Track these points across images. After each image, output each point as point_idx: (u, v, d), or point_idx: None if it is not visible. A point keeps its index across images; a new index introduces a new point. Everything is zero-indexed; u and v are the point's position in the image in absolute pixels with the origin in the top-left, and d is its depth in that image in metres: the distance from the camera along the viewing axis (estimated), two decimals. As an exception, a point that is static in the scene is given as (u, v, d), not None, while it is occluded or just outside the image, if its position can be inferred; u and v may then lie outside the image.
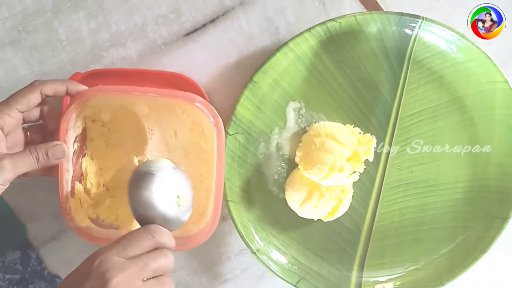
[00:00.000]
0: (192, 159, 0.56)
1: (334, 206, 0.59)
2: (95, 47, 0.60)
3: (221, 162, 0.54)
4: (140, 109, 0.55)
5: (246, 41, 0.61)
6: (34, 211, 0.62)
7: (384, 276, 0.62)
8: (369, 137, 0.58)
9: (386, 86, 0.59)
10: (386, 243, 0.62)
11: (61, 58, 0.60)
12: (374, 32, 0.58)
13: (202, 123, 0.55)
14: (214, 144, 0.53)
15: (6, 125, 0.48)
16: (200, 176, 0.56)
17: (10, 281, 0.62)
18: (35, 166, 0.48)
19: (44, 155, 0.49)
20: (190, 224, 0.56)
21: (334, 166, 0.56)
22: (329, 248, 0.62)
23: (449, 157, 0.60)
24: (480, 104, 0.59)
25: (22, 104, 0.48)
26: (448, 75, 0.59)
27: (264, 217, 0.61)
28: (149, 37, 0.60)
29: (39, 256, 0.63)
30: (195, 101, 0.51)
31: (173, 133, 0.56)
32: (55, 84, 0.50)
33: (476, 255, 0.60)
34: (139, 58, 0.60)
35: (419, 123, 0.60)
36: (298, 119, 0.60)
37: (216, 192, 0.54)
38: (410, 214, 0.61)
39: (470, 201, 0.61)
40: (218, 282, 0.65)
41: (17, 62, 0.60)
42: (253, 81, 0.58)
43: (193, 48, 0.60)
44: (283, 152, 0.60)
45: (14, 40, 0.59)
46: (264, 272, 0.64)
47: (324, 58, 0.58)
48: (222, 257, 0.65)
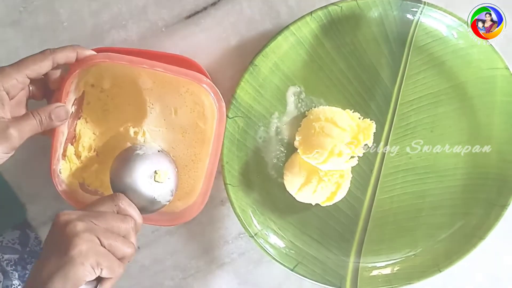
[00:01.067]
0: (188, 138, 0.56)
1: (333, 191, 0.59)
2: (96, 28, 0.60)
3: (218, 145, 0.54)
4: (144, 82, 0.55)
5: (247, 24, 0.61)
6: (34, 191, 0.62)
7: (381, 262, 0.62)
8: (369, 122, 0.58)
9: (387, 72, 0.59)
10: (384, 228, 0.62)
11: (62, 39, 0.60)
12: (375, 16, 0.57)
13: (204, 104, 0.55)
14: (213, 126, 0.54)
15: (13, 89, 0.48)
16: (193, 156, 0.57)
17: (9, 261, 0.62)
18: (39, 129, 0.49)
19: (47, 118, 0.49)
20: (177, 201, 0.57)
21: (333, 151, 0.56)
22: (326, 233, 0.62)
23: (449, 143, 0.60)
24: (480, 90, 0.59)
25: (32, 71, 0.48)
26: (449, 61, 0.59)
27: (262, 201, 0.61)
28: (150, 19, 0.60)
29: (38, 237, 0.63)
30: (202, 82, 0.52)
31: (173, 110, 0.56)
32: (66, 52, 0.50)
33: (474, 242, 0.60)
34: (140, 40, 0.60)
35: (419, 109, 0.60)
36: (298, 103, 0.60)
37: (208, 173, 0.55)
38: (409, 200, 0.61)
39: (468, 188, 0.61)
40: (216, 265, 0.65)
41: (19, 42, 0.60)
42: (254, 64, 0.57)
43: (194, 31, 0.60)
44: (283, 136, 0.60)
45: (15, 20, 0.59)
46: (262, 256, 0.65)
47: (325, 42, 0.58)
48: (220, 241, 0.65)
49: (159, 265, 0.65)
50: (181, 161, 0.57)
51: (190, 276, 0.65)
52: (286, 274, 0.64)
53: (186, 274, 0.65)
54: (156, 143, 0.56)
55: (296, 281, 0.65)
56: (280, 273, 0.65)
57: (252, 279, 0.66)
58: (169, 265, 0.65)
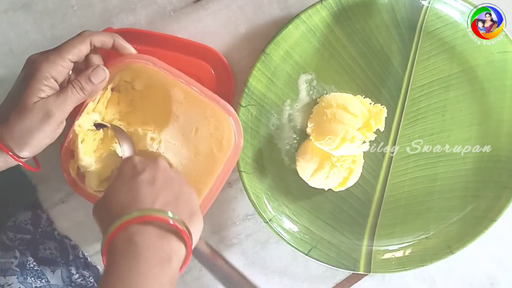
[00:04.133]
0: (198, 160, 0.57)
1: (345, 176, 0.60)
2: (105, 13, 0.61)
3: (223, 177, 0.55)
4: (176, 94, 0.56)
5: (254, 8, 0.61)
6: (45, 173, 0.62)
7: (394, 245, 0.63)
8: (380, 107, 0.58)
9: (397, 57, 0.60)
10: (397, 212, 0.63)
11: (72, 23, 0.61)
12: (385, 3, 0.58)
13: (224, 133, 0.55)
14: (226, 156, 0.55)
15: (60, 76, 0.49)
16: (197, 178, 0.56)
17: (21, 240, 0.63)
18: (82, 96, 0.50)
19: (87, 81, 0.50)
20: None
21: (345, 137, 0.57)
22: (340, 218, 0.63)
23: (460, 127, 0.61)
24: (491, 74, 0.60)
25: (74, 55, 0.49)
26: (459, 46, 0.59)
27: (276, 187, 0.62)
28: (159, 3, 0.61)
29: (49, 217, 0.64)
30: (230, 114, 0.54)
31: (194, 129, 0.56)
32: (103, 37, 0.51)
33: (486, 224, 0.61)
34: (148, 24, 0.61)
35: (429, 94, 0.60)
36: (310, 90, 0.61)
37: (206, 199, 0.56)
38: (420, 184, 0.62)
39: (480, 171, 0.62)
40: (224, 246, 0.66)
41: (28, 26, 0.61)
42: (266, 53, 0.58)
43: (202, 15, 0.61)
44: (295, 123, 0.61)
45: (26, 4, 0.60)
46: (269, 237, 0.66)
47: (335, 30, 0.59)
48: (228, 222, 0.66)
49: None
50: (185, 178, 0.56)
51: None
52: (293, 255, 0.66)
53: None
54: (167, 155, 0.57)
55: (303, 261, 0.66)
56: (287, 254, 0.66)
57: (259, 260, 0.67)
58: None
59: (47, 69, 0.48)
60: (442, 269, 0.66)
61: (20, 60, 0.51)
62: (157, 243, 0.43)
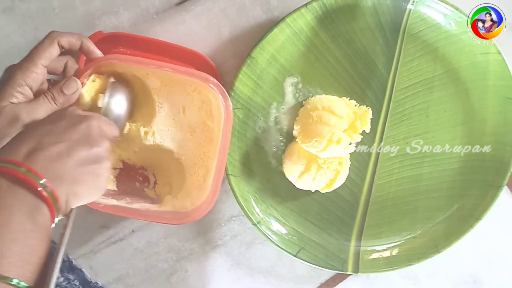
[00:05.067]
0: (196, 136, 0.57)
1: (332, 178, 0.60)
2: (87, 15, 0.61)
3: (226, 143, 0.55)
4: (152, 82, 0.55)
5: (237, 10, 0.62)
6: None
7: (381, 245, 0.64)
8: (365, 109, 0.59)
9: (382, 59, 0.60)
10: (384, 212, 0.64)
11: (54, 26, 0.61)
12: (369, 6, 0.59)
13: (211, 103, 0.55)
14: (221, 124, 0.55)
15: (34, 83, 0.48)
16: (202, 154, 0.57)
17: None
18: (54, 106, 0.49)
19: (59, 92, 0.49)
20: (185, 200, 0.58)
21: (332, 139, 0.57)
22: (327, 219, 0.64)
23: (444, 127, 0.62)
24: (474, 75, 0.60)
25: (45, 59, 0.49)
26: (442, 47, 0.60)
27: (263, 189, 0.63)
28: (141, 5, 0.61)
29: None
30: (208, 81, 0.53)
31: (182, 109, 0.56)
32: (71, 37, 0.50)
33: (472, 223, 0.62)
34: (131, 26, 0.61)
35: (414, 95, 0.61)
36: (296, 93, 0.61)
37: (216, 172, 0.55)
38: (407, 184, 0.63)
39: (465, 170, 0.63)
40: (209, 248, 0.67)
41: (11, 29, 0.61)
42: (251, 57, 0.59)
43: (185, 18, 0.62)
44: (281, 126, 0.62)
45: (8, 7, 0.60)
46: (254, 238, 0.66)
47: (320, 33, 0.59)
48: (213, 224, 0.66)
49: (153, 248, 0.66)
50: (190, 159, 0.57)
51: (184, 259, 0.67)
52: (278, 255, 0.66)
53: (180, 256, 0.67)
54: (166, 143, 0.56)
55: (288, 262, 0.67)
56: (272, 254, 0.67)
57: (245, 260, 0.67)
58: (163, 248, 0.66)
59: (21, 76, 0.47)
60: (426, 267, 0.67)
61: (2, 62, 0.50)
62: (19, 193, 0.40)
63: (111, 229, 0.66)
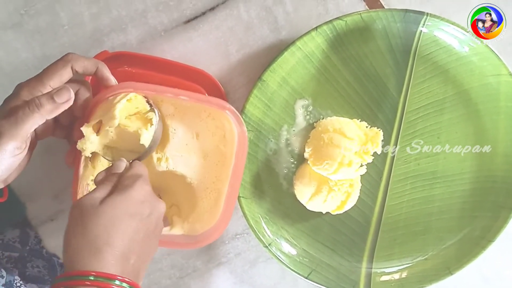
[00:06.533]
0: (209, 161, 0.57)
1: (343, 199, 0.60)
2: (96, 32, 0.61)
3: (239, 168, 0.55)
4: (166, 108, 0.55)
5: (244, 29, 0.62)
6: (33, 191, 0.63)
7: (393, 267, 0.64)
8: (376, 130, 0.59)
9: (392, 81, 0.60)
10: (395, 234, 0.63)
11: (63, 42, 0.61)
12: (379, 29, 0.59)
13: (225, 127, 0.55)
14: (234, 148, 0.55)
15: None
16: (214, 178, 0.57)
17: (9, 258, 0.62)
18: (37, 115, 0.45)
19: (48, 99, 0.46)
20: (196, 224, 0.58)
21: (343, 161, 0.57)
22: (339, 240, 0.63)
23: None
24: (485, 97, 0.60)
25: (54, 81, 0.48)
26: (453, 69, 0.60)
27: (274, 211, 0.62)
28: (150, 23, 0.62)
29: (38, 236, 0.64)
30: (225, 108, 0.53)
31: (195, 135, 0.56)
32: (86, 62, 0.49)
33: (484, 244, 0.61)
34: (139, 43, 0.62)
35: (425, 117, 0.61)
36: (306, 115, 0.61)
37: (228, 197, 0.55)
38: (418, 205, 0.63)
39: (476, 191, 0.62)
40: (213, 265, 0.66)
41: (19, 45, 0.61)
42: (262, 79, 0.59)
43: (193, 36, 0.62)
44: (292, 148, 0.62)
45: (17, 23, 0.61)
46: (258, 256, 0.66)
47: (331, 56, 0.60)
48: (217, 241, 0.66)
49: (156, 264, 0.66)
50: (202, 183, 0.57)
51: (187, 276, 0.66)
52: (282, 274, 0.66)
53: (183, 273, 0.66)
54: (179, 168, 0.56)
55: (291, 280, 0.66)
56: (276, 273, 0.67)
57: (248, 278, 0.67)
58: (166, 264, 0.66)
59: (26, 94, 0.47)
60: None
61: (10, 78, 0.51)
62: None
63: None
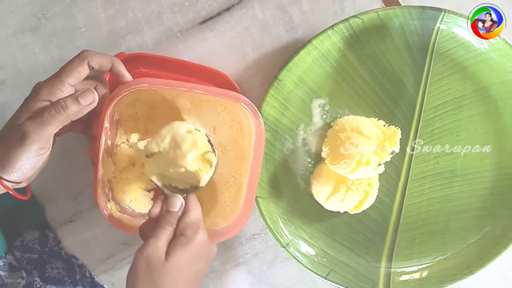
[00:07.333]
0: (228, 155, 0.57)
1: (361, 199, 0.60)
2: (112, 34, 0.62)
3: (258, 160, 0.55)
4: (182, 103, 0.56)
5: (260, 29, 0.62)
6: (52, 192, 0.63)
7: (413, 266, 0.63)
8: (394, 129, 0.59)
9: (410, 79, 0.60)
10: (414, 233, 0.63)
11: (79, 44, 0.61)
12: (396, 26, 0.58)
13: (242, 121, 0.56)
14: (251, 141, 0.55)
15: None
16: (234, 172, 0.57)
17: (29, 260, 0.63)
18: (62, 117, 0.47)
19: (73, 101, 0.47)
20: (217, 218, 0.58)
21: (361, 160, 0.57)
22: (357, 240, 0.63)
23: (476, 146, 0.61)
24: (505, 93, 0.59)
25: (73, 78, 0.48)
26: (471, 66, 0.59)
27: (292, 211, 0.62)
28: (165, 24, 0.62)
29: (57, 237, 0.64)
30: (240, 100, 0.53)
31: (212, 129, 0.57)
32: (102, 59, 0.50)
33: (505, 243, 0.61)
34: (155, 45, 0.62)
35: (443, 114, 0.60)
36: (323, 114, 0.61)
37: (248, 190, 0.56)
38: (437, 204, 0.62)
39: (497, 189, 0.61)
40: (230, 265, 0.67)
41: (37, 48, 0.62)
42: (278, 79, 0.59)
43: (208, 36, 0.62)
44: (309, 147, 0.62)
45: (34, 26, 0.61)
46: (275, 257, 0.66)
47: (347, 54, 0.59)
48: (234, 241, 0.66)
49: None
50: (222, 178, 0.57)
51: (205, 276, 0.65)
52: (300, 274, 0.66)
53: None
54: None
55: (310, 281, 0.66)
56: (294, 273, 0.66)
57: (266, 279, 0.67)
58: None
59: (45, 93, 0.47)
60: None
61: (28, 81, 0.51)
62: None
63: (132, 246, 0.66)
